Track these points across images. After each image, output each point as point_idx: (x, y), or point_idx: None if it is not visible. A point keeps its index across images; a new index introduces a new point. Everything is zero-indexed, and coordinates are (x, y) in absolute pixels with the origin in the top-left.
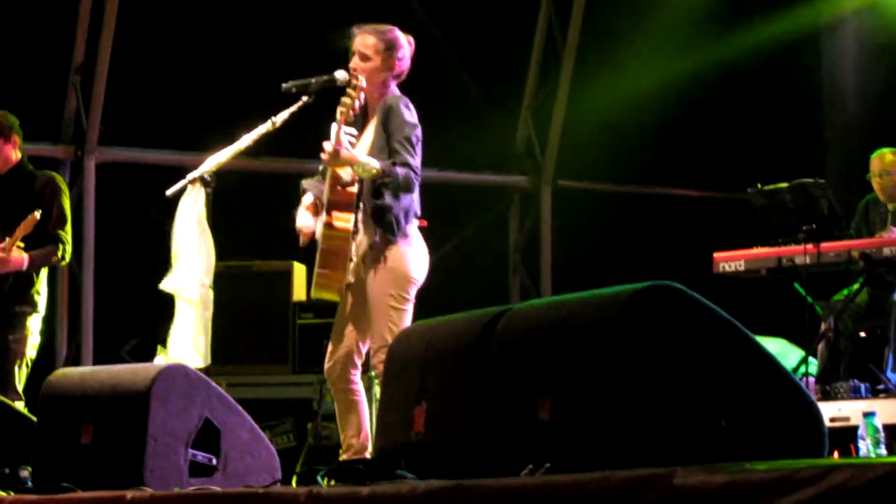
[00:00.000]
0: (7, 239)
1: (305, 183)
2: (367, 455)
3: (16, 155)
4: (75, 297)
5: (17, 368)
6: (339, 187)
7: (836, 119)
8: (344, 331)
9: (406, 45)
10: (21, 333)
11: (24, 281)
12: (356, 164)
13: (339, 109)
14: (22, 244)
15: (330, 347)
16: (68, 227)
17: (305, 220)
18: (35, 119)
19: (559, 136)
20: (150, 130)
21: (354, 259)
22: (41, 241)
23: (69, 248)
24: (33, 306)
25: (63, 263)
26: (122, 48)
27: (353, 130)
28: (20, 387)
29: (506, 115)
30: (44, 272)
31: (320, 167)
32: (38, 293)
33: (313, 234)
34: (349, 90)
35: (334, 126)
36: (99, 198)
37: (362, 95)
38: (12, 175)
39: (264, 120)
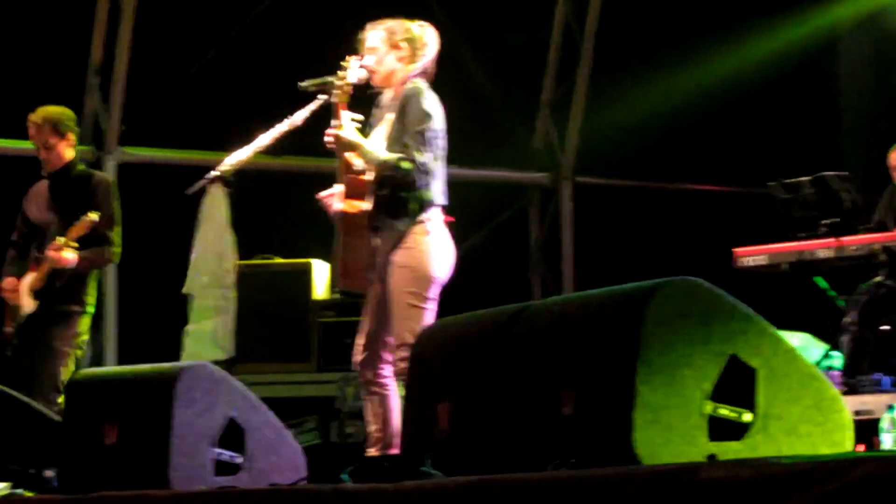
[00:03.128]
0: (60, 238)
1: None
2: (395, 450)
3: (69, 153)
4: (98, 298)
5: (63, 369)
6: (351, 175)
7: (855, 111)
8: (371, 325)
9: (415, 30)
10: (67, 332)
11: (76, 281)
12: (359, 148)
13: (335, 92)
14: (75, 244)
15: (357, 342)
16: (118, 228)
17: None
18: None
19: (578, 132)
20: (169, 130)
21: (378, 254)
22: (91, 242)
23: (118, 250)
24: (83, 306)
25: (113, 262)
26: (140, 48)
27: (359, 115)
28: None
29: (525, 111)
30: (95, 274)
31: None
32: (89, 294)
33: (328, 205)
34: (339, 72)
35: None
36: (119, 198)
37: (350, 75)
38: (65, 173)
39: (283, 119)
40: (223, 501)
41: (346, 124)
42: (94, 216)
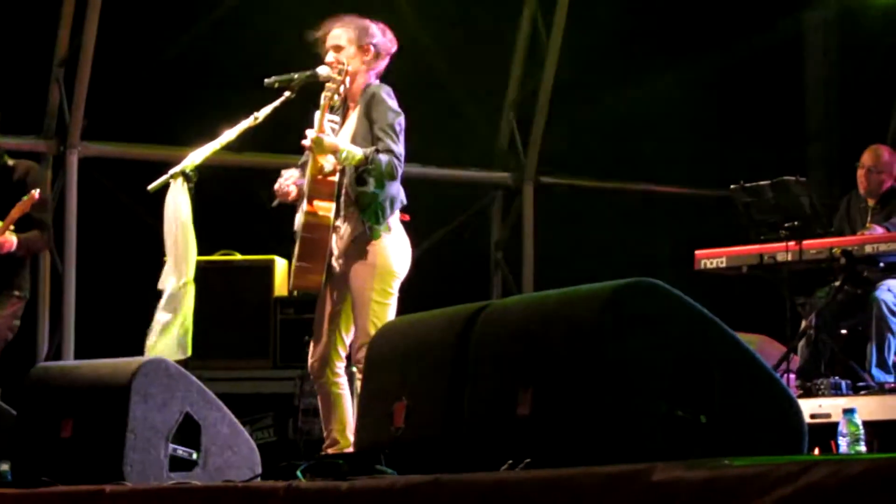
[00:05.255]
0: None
1: (286, 172)
2: (351, 449)
3: None
4: (57, 292)
5: None
6: (320, 177)
7: (818, 116)
8: (326, 325)
9: (380, 34)
10: (3, 311)
11: (13, 265)
12: (339, 151)
13: (324, 94)
14: (13, 227)
15: (312, 342)
16: (50, 214)
17: (289, 176)
18: (18, 113)
19: (542, 132)
20: (133, 125)
21: (336, 252)
22: (24, 226)
23: (51, 234)
24: (21, 291)
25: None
26: (105, 42)
27: (336, 118)
28: None
29: (489, 110)
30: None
31: (300, 160)
32: (26, 279)
33: (288, 195)
34: (333, 75)
35: (317, 113)
36: (81, 192)
37: (348, 80)
38: None
39: (247, 115)
40: (177, 497)
41: (326, 127)
42: (35, 193)
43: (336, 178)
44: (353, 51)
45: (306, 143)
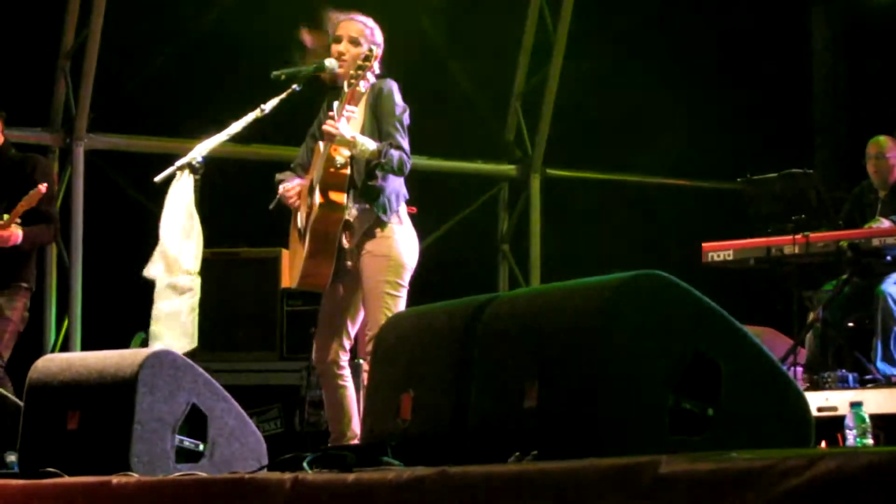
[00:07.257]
0: (5, 216)
1: (280, 175)
2: (356, 441)
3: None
4: (64, 283)
5: (7, 336)
6: (332, 169)
7: (826, 109)
8: (332, 318)
9: (382, 44)
10: (15, 304)
11: (20, 258)
12: (355, 143)
13: (349, 82)
14: (19, 220)
15: (317, 335)
16: (56, 207)
17: (291, 184)
18: (24, 105)
19: (549, 124)
20: (139, 117)
21: (348, 245)
22: (31, 219)
23: (58, 227)
24: (29, 283)
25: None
26: (112, 34)
27: (355, 109)
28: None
29: (496, 103)
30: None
31: (295, 161)
32: (32, 272)
33: (290, 197)
34: (363, 62)
35: (336, 104)
36: (88, 184)
37: (375, 67)
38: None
39: (254, 107)
40: (184, 489)
41: (343, 117)
42: (42, 187)
43: (348, 171)
44: (365, 48)
45: (327, 128)
